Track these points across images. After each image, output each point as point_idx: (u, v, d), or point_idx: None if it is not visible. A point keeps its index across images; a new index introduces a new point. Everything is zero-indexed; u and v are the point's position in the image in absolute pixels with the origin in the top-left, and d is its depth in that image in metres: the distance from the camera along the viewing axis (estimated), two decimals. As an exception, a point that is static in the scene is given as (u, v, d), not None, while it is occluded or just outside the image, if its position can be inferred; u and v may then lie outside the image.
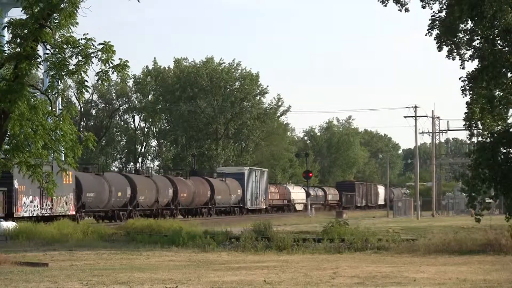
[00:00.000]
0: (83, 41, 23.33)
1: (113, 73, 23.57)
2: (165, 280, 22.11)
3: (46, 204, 51.98)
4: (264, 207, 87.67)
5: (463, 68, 33.91)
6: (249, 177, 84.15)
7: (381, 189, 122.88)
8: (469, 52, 33.63)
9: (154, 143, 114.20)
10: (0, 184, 46.35)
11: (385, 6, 34.24)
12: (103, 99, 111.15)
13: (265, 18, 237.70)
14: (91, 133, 24.80)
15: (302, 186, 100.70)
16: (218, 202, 77.15)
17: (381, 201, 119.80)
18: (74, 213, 54.75)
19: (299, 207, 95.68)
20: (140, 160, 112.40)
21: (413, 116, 79.32)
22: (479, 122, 34.46)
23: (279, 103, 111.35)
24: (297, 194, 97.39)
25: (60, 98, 28.68)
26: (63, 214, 53.06)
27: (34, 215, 50.63)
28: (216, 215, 75.91)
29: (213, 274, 23.77)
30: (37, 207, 51.27)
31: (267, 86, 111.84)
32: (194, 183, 73.66)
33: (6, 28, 23.96)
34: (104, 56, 23.24)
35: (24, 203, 49.89)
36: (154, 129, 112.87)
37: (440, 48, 33.60)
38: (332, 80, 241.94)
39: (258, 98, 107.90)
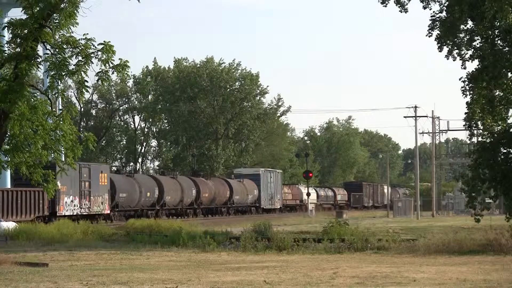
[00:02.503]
0: (83, 41, 23.32)
1: (113, 73, 23.57)
2: (165, 280, 22.11)
3: (85, 204, 55.64)
4: (278, 207, 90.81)
5: (464, 68, 33.94)
6: (264, 178, 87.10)
7: (387, 189, 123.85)
8: (469, 52, 33.66)
9: (154, 143, 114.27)
10: None
11: (385, 6, 34.27)
12: (103, 99, 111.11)
13: (265, 18, 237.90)
14: (91, 133, 24.79)
15: (313, 187, 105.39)
16: (236, 202, 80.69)
17: (387, 201, 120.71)
18: (108, 212, 58.55)
19: (310, 206, 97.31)
20: (140, 160, 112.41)
21: (413, 116, 79.33)
22: (479, 122, 34.48)
23: (279, 103, 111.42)
24: None
25: (60, 98, 28.67)
26: (99, 213, 57.04)
27: (74, 213, 54.14)
28: (234, 215, 78.91)
29: (213, 274, 23.77)
30: (77, 206, 54.78)
31: (267, 86, 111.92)
32: (215, 184, 77.51)
33: (6, 28, 23.94)
34: (104, 56, 23.22)
35: (66, 202, 53.43)
36: (154, 129, 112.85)
37: (440, 49, 33.60)
38: (332, 80, 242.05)
39: (258, 98, 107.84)
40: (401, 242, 34.74)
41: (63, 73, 23.52)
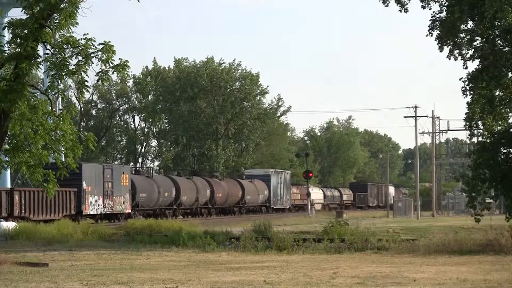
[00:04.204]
0: (83, 41, 23.36)
1: (113, 73, 23.60)
2: (165, 280, 22.11)
3: (108, 203, 58.07)
4: (288, 207, 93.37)
5: (466, 68, 33.90)
6: (274, 179, 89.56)
7: (391, 190, 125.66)
8: (470, 52, 33.64)
9: (154, 143, 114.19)
10: (71, 185, 52.15)
11: (387, 6, 34.23)
12: (103, 99, 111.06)
13: (265, 18, 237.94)
14: (91, 133, 24.80)
15: (320, 187, 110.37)
16: (247, 201, 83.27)
17: (391, 201, 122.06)
18: (129, 211, 60.84)
19: (318, 206, 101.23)
20: (140, 160, 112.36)
21: (413, 116, 79.27)
22: (479, 122, 34.47)
23: (279, 103, 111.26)
24: (316, 194, 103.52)
25: (60, 98, 28.74)
26: (121, 212, 59.53)
27: (98, 213, 56.85)
28: (246, 214, 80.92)
29: (213, 274, 23.77)
30: (101, 205, 57.23)
31: (267, 86, 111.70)
32: (228, 184, 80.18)
33: (6, 28, 23.98)
34: (104, 56, 23.26)
35: (90, 202, 55.87)
36: (154, 129, 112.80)
37: (441, 49, 33.58)
38: (332, 80, 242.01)
39: (258, 98, 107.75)
40: (401, 242, 34.74)
41: (63, 73, 23.56)
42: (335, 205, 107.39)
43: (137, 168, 74.21)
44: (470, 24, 33.57)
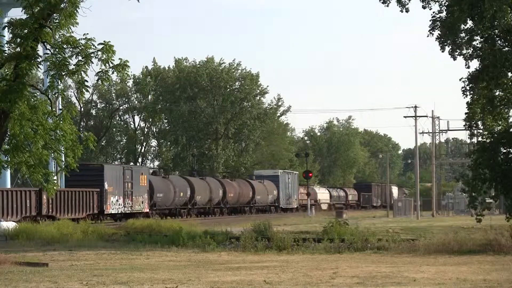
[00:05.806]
0: (83, 41, 23.34)
1: (113, 73, 23.58)
2: (165, 280, 22.11)
3: (128, 203, 60.63)
4: (295, 206, 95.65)
5: (468, 67, 33.89)
6: (282, 179, 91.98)
7: (394, 190, 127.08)
8: (470, 52, 33.64)
9: (154, 143, 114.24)
10: (94, 186, 55.08)
11: (387, 6, 34.24)
12: (103, 99, 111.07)
13: (265, 18, 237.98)
14: (91, 133, 24.78)
15: (326, 187, 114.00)
16: (258, 201, 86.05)
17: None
18: (148, 210, 63.38)
19: (324, 206, 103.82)
20: (140, 160, 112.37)
21: (413, 116, 79.20)
22: (479, 122, 34.50)
23: (279, 103, 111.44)
24: (322, 194, 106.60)
25: (60, 98, 28.70)
26: (140, 211, 61.70)
27: (119, 212, 59.41)
28: (256, 213, 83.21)
29: (213, 274, 23.77)
30: (121, 205, 59.70)
31: (267, 86, 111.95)
32: (239, 185, 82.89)
33: (6, 28, 23.97)
34: (104, 56, 23.24)
35: (112, 201, 58.21)
36: (154, 129, 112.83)
37: (443, 49, 33.57)
38: (332, 80, 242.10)
39: (258, 98, 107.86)
40: (401, 242, 34.71)
41: (63, 73, 23.55)
42: (341, 205, 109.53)
43: (155, 169, 76.94)
44: (470, 24, 33.59)
